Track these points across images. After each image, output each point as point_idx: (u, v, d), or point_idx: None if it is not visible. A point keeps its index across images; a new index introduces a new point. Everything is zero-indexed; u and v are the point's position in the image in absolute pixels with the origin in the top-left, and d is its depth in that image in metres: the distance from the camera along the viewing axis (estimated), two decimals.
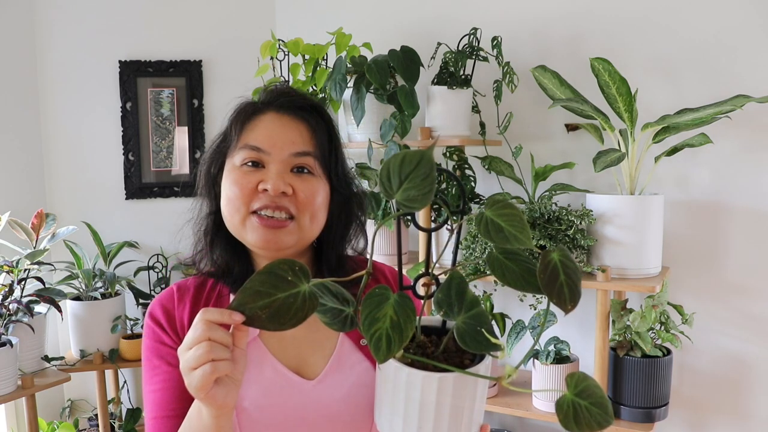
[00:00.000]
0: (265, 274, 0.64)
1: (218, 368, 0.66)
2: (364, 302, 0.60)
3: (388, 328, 0.58)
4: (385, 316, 0.59)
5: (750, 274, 1.74)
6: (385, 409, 0.66)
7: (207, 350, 0.66)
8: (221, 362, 0.67)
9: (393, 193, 0.57)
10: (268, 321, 0.64)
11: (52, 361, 2.06)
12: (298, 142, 0.88)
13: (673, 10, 1.77)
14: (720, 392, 1.80)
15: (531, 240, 0.58)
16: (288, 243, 0.87)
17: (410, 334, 0.59)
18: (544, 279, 0.58)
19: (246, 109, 0.92)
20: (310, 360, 0.90)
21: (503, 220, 0.59)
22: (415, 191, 0.56)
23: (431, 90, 1.85)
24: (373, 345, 0.58)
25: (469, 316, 0.60)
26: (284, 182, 0.85)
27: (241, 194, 0.85)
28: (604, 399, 0.54)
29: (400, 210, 0.58)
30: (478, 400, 0.64)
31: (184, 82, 2.35)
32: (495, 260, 0.62)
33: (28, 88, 2.24)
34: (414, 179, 0.56)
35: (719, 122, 1.64)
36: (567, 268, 0.59)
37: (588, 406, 0.54)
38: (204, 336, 0.67)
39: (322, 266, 0.95)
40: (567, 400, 0.55)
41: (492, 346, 0.59)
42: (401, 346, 0.58)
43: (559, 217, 1.65)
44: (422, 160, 0.56)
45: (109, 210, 2.35)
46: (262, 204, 0.85)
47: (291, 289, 0.64)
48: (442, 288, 0.62)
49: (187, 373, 0.68)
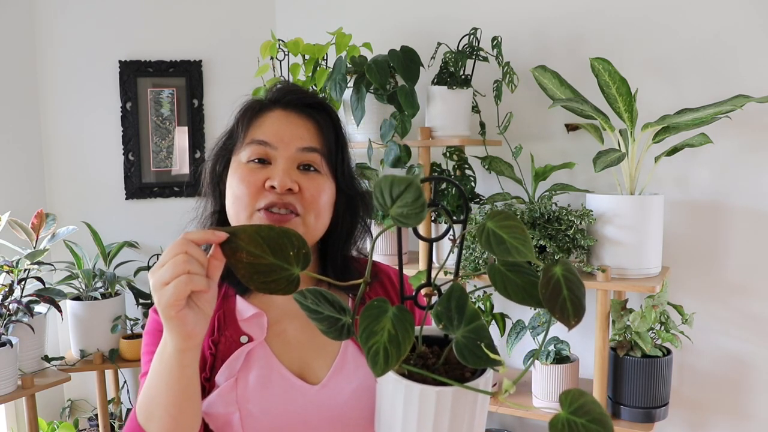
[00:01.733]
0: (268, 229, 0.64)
1: (193, 281, 0.65)
2: (363, 314, 0.60)
3: (385, 342, 0.58)
4: (383, 330, 0.58)
5: (750, 274, 1.74)
6: (384, 420, 0.66)
7: (184, 260, 0.65)
8: (197, 276, 0.65)
9: (387, 208, 0.57)
10: (245, 267, 0.63)
11: (52, 361, 2.06)
12: (305, 137, 0.88)
13: (673, 10, 1.77)
14: (720, 392, 1.80)
15: (533, 253, 0.57)
16: None
17: (408, 348, 0.58)
18: (546, 294, 0.56)
19: (253, 107, 0.91)
20: (314, 364, 0.89)
21: (505, 232, 0.58)
22: (407, 210, 0.56)
23: (431, 90, 1.85)
24: (371, 359, 0.57)
25: (469, 329, 0.59)
26: (291, 179, 0.84)
27: (249, 192, 0.85)
28: (602, 416, 0.52)
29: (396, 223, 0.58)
30: (477, 414, 0.63)
31: (184, 82, 2.35)
32: (497, 272, 0.61)
33: (28, 88, 2.24)
34: (404, 199, 0.56)
35: (719, 122, 1.64)
36: (570, 282, 0.57)
37: (585, 424, 0.52)
38: (181, 249, 0.66)
39: (327, 268, 0.95)
40: (561, 419, 0.52)
41: (491, 362, 0.58)
42: (399, 360, 0.57)
43: (559, 217, 1.65)
44: (409, 186, 0.56)
45: (109, 210, 2.35)
46: (268, 201, 0.84)
47: (283, 263, 0.64)
48: (442, 300, 0.61)
49: (158, 288, 0.66)
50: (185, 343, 0.69)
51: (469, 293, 0.65)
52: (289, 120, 0.89)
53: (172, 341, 0.70)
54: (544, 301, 0.56)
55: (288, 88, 0.93)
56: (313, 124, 0.90)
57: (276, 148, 0.86)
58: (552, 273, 0.57)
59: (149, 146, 2.36)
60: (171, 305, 0.66)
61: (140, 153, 2.35)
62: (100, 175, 2.34)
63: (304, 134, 0.88)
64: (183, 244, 0.66)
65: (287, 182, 0.84)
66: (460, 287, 0.61)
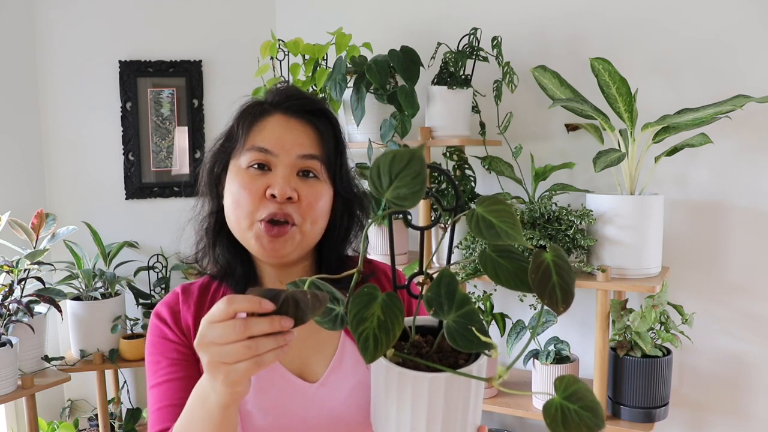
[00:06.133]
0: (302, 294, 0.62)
1: (264, 362, 0.63)
2: (353, 301, 0.60)
3: (375, 328, 0.58)
4: (373, 316, 0.58)
5: (750, 274, 1.74)
6: (379, 409, 0.66)
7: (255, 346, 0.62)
8: (266, 355, 0.63)
9: (383, 191, 0.57)
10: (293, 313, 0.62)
11: (52, 361, 2.06)
12: (306, 144, 0.88)
13: (673, 10, 1.77)
14: (720, 392, 1.80)
15: (522, 236, 0.57)
16: (289, 250, 0.86)
17: (398, 334, 0.58)
18: (535, 279, 0.56)
19: (253, 110, 0.91)
20: (312, 362, 0.90)
21: (494, 216, 0.58)
22: (405, 189, 0.55)
23: (431, 90, 1.85)
24: (361, 345, 0.57)
25: (459, 314, 0.59)
26: (290, 187, 0.85)
27: (250, 200, 0.85)
28: (594, 403, 0.53)
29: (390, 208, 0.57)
30: (472, 401, 0.63)
31: (184, 82, 2.35)
32: (487, 258, 0.61)
33: (28, 88, 2.25)
34: (404, 178, 0.56)
35: (719, 122, 1.64)
36: (560, 268, 0.57)
37: (578, 410, 0.53)
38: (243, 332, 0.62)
39: (323, 267, 0.95)
40: (555, 404, 0.54)
41: (483, 345, 0.58)
42: (389, 345, 0.57)
43: (559, 217, 1.65)
44: (413, 158, 0.56)
45: (109, 210, 2.35)
46: (268, 213, 0.84)
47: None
48: (432, 286, 0.61)
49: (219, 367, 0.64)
50: (234, 400, 0.68)
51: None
52: (290, 126, 0.89)
53: (219, 398, 0.68)
54: (534, 286, 0.56)
55: (289, 92, 0.92)
56: (314, 131, 0.90)
57: (276, 155, 0.86)
58: (542, 259, 0.58)
59: (149, 146, 2.36)
60: (238, 382, 0.65)
61: (140, 153, 2.35)
62: (100, 175, 2.34)
63: (304, 141, 0.88)
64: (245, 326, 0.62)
65: (287, 191, 0.84)
66: (450, 273, 0.61)
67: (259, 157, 0.86)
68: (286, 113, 0.90)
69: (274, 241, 0.85)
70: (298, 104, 0.91)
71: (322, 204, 0.88)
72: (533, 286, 0.57)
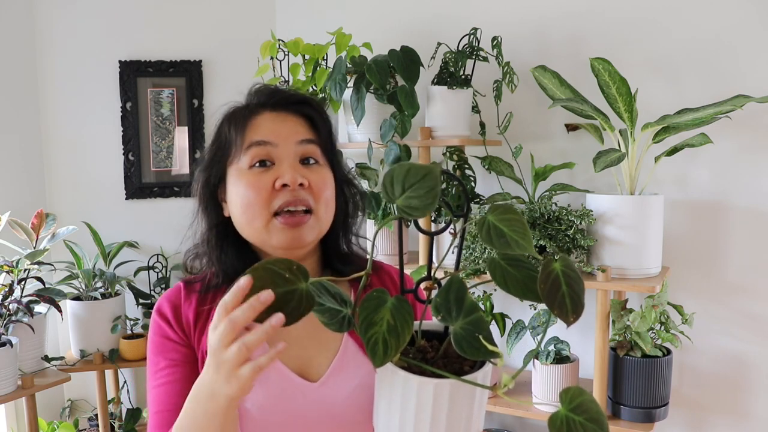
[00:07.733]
0: (261, 270, 0.63)
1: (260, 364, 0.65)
2: (362, 305, 0.60)
3: (384, 332, 0.58)
4: (382, 320, 0.58)
5: (750, 274, 1.74)
6: (382, 412, 0.66)
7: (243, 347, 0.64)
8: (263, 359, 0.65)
9: (394, 198, 0.57)
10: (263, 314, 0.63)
11: (52, 361, 2.06)
12: (301, 131, 0.90)
13: (673, 10, 1.77)
14: (720, 392, 1.80)
15: (533, 246, 0.57)
16: (310, 238, 0.87)
17: (407, 339, 0.58)
18: (545, 290, 0.56)
19: (241, 113, 0.91)
20: (314, 361, 0.89)
21: (505, 225, 0.58)
22: (416, 201, 0.56)
23: (431, 90, 1.85)
24: (370, 349, 0.57)
25: (467, 321, 0.59)
26: (300, 174, 0.86)
27: (260, 196, 0.85)
28: (600, 415, 0.53)
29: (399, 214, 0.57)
30: (476, 408, 0.63)
31: (184, 82, 2.35)
32: (497, 266, 0.61)
33: (28, 88, 2.24)
34: (417, 190, 0.56)
35: (719, 122, 1.64)
36: (569, 278, 0.57)
37: (583, 422, 0.52)
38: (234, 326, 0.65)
39: (331, 258, 0.96)
40: (560, 416, 0.53)
41: (489, 354, 0.57)
42: (398, 350, 0.57)
43: (559, 217, 1.65)
44: (428, 174, 0.55)
45: (109, 210, 2.35)
46: (283, 201, 0.85)
47: (288, 286, 0.63)
48: (441, 292, 0.61)
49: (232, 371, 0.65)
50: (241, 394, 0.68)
51: (469, 287, 0.65)
52: (282, 118, 0.90)
53: (225, 393, 0.68)
54: (543, 296, 0.56)
55: (270, 90, 0.94)
56: (305, 119, 0.92)
57: (276, 145, 0.87)
58: (551, 269, 0.57)
59: (149, 146, 2.36)
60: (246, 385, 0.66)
61: (140, 153, 2.35)
62: (100, 175, 2.34)
63: (299, 128, 0.90)
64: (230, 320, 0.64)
65: (297, 177, 0.85)
66: (460, 279, 0.61)
67: (261, 152, 0.87)
68: (275, 109, 0.91)
69: (294, 230, 0.85)
70: (283, 98, 0.92)
71: (329, 188, 0.90)
72: (542, 296, 0.56)
